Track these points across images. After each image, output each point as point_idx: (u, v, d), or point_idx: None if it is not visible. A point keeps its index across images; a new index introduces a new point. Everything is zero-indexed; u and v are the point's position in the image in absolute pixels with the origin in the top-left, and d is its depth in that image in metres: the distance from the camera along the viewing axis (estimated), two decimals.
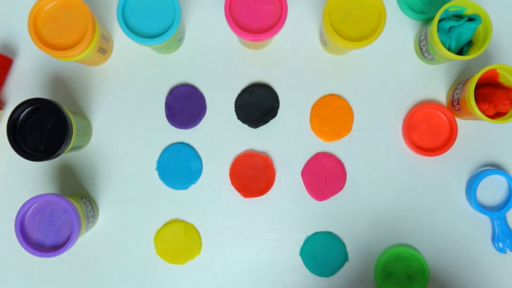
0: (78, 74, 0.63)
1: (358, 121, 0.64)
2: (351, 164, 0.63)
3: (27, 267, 0.62)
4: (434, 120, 0.63)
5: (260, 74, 0.64)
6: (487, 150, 0.64)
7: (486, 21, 0.57)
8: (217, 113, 0.63)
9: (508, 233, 0.63)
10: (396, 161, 0.64)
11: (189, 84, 0.63)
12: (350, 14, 0.56)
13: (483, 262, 0.63)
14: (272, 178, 0.63)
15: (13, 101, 0.63)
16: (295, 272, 0.63)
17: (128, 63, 0.64)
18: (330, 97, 0.63)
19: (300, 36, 0.64)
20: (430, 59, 0.62)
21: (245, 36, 0.54)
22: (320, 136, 0.63)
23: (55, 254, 0.54)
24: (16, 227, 0.54)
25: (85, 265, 0.62)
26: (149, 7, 0.55)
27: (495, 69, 0.58)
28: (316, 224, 0.63)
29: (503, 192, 0.64)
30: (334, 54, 0.64)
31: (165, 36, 0.54)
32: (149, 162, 0.63)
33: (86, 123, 0.61)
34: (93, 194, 0.63)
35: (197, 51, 0.64)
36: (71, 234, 0.54)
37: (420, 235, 0.63)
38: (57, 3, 0.54)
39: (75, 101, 0.63)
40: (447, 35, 0.58)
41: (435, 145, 0.63)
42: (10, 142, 0.52)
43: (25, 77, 0.63)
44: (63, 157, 0.62)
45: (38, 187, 0.62)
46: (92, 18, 0.54)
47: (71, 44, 0.54)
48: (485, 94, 0.58)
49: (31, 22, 0.54)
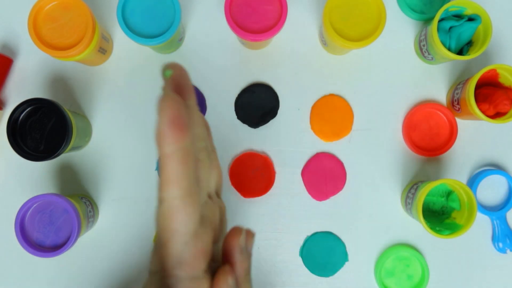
0: (78, 74, 0.63)
1: (358, 121, 0.64)
2: (351, 164, 0.63)
3: (27, 267, 0.62)
4: (434, 120, 0.63)
5: (260, 74, 0.64)
6: (487, 150, 0.64)
7: (486, 21, 0.57)
8: (217, 113, 0.63)
9: (508, 233, 0.63)
10: (396, 161, 0.64)
11: None
12: (350, 14, 0.56)
13: (483, 262, 0.63)
14: (272, 178, 0.63)
15: (13, 101, 0.63)
16: (295, 272, 0.63)
17: (128, 63, 0.64)
18: (330, 97, 0.63)
19: (300, 36, 0.64)
20: (430, 59, 0.62)
21: (245, 36, 0.54)
22: (320, 136, 0.63)
23: (55, 254, 0.54)
24: (16, 227, 0.54)
25: (85, 265, 0.62)
26: (149, 7, 0.55)
27: (495, 69, 0.58)
28: (316, 224, 0.63)
29: (503, 192, 0.64)
30: (334, 54, 0.64)
31: (165, 36, 0.54)
32: (149, 162, 0.63)
33: (86, 123, 0.61)
34: (93, 194, 0.63)
35: (197, 51, 0.64)
36: (71, 234, 0.54)
37: (420, 235, 0.63)
38: (57, 3, 0.54)
39: (75, 101, 0.63)
40: (447, 35, 0.58)
41: (435, 145, 0.63)
42: (10, 142, 0.52)
43: (25, 77, 0.63)
44: (63, 157, 0.62)
45: (38, 187, 0.62)
46: (92, 18, 0.54)
47: (71, 44, 0.54)
48: (485, 94, 0.58)
49: (31, 22, 0.54)
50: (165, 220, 0.27)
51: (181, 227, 0.27)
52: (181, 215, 0.26)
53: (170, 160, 0.25)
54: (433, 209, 0.61)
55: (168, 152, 0.25)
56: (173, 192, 0.26)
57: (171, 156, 0.25)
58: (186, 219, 0.27)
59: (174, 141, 0.25)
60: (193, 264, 0.28)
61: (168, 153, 0.25)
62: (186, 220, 0.27)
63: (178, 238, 0.27)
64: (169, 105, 0.25)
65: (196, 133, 0.31)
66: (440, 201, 0.60)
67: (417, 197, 0.57)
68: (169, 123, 0.25)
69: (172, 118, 0.25)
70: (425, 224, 0.56)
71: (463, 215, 0.58)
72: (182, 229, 0.27)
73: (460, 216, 0.58)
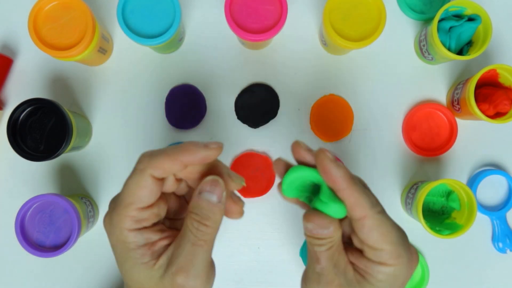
0: (78, 74, 0.63)
1: (358, 121, 0.64)
2: (351, 164, 0.63)
3: (27, 267, 0.62)
4: (434, 120, 0.63)
5: (260, 74, 0.64)
6: (487, 150, 0.64)
7: (486, 21, 0.57)
8: (217, 113, 0.63)
9: (508, 233, 0.63)
10: (396, 161, 0.64)
11: (189, 84, 0.63)
12: (350, 14, 0.56)
13: (483, 262, 0.63)
14: (272, 178, 0.63)
15: (13, 101, 0.63)
16: (295, 272, 0.63)
17: (128, 63, 0.63)
18: (330, 97, 0.63)
19: (300, 36, 0.64)
20: (430, 59, 0.62)
21: (245, 36, 0.54)
22: (320, 136, 0.63)
23: (55, 254, 0.54)
24: (16, 227, 0.54)
25: (85, 265, 0.62)
26: (149, 7, 0.55)
27: (495, 69, 0.58)
28: None
29: (503, 192, 0.64)
30: (334, 54, 0.64)
31: (165, 36, 0.54)
32: None
33: (86, 123, 0.61)
34: (93, 194, 0.63)
35: (197, 51, 0.64)
36: (71, 234, 0.54)
37: (420, 235, 0.62)
38: (57, 3, 0.54)
39: (75, 101, 0.63)
40: (447, 35, 0.58)
41: (435, 145, 0.63)
42: (10, 142, 0.52)
43: (25, 77, 0.63)
44: (63, 157, 0.62)
45: (38, 187, 0.62)
46: (92, 18, 0.54)
47: (71, 44, 0.54)
48: (485, 94, 0.58)
49: (31, 22, 0.54)
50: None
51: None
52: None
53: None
54: (433, 209, 0.61)
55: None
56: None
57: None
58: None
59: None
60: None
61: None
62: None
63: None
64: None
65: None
66: (440, 201, 0.60)
67: (417, 197, 0.57)
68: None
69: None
70: (425, 224, 0.56)
71: (463, 215, 0.58)
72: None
73: (460, 216, 0.58)
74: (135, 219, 0.35)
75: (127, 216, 0.35)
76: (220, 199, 0.36)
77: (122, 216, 0.35)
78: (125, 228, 0.35)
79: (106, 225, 0.36)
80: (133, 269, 0.35)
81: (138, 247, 0.35)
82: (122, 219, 0.35)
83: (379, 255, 0.34)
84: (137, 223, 0.35)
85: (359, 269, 0.36)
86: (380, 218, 0.34)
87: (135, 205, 0.35)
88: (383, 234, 0.34)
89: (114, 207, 0.36)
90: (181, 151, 0.35)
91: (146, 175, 0.35)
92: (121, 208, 0.35)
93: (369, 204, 0.34)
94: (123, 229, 0.35)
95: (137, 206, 0.35)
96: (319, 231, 0.35)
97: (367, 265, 0.35)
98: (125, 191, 0.35)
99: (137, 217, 0.35)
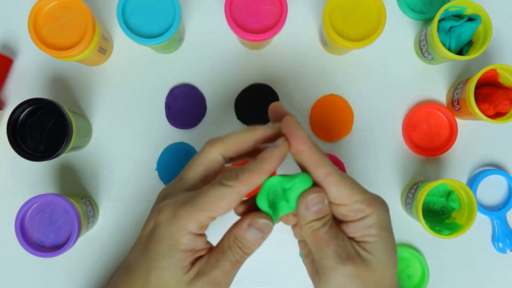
0: (78, 74, 0.63)
1: (358, 121, 0.64)
2: (351, 164, 0.63)
3: (27, 267, 0.62)
4: (434, 120, 0.63)
5: (260, 74, 0.64)
6: (487, 150, 0.64)
7: (486, 21, 0.57)
8: (217, 113, 0.63)
9: (508, 233, 0.63)
10: (396, 161, 0.64)
11: (189, 84, 0.63)
12: (350, 14, 0.56)
13: (483, 262, 0.63)
14: None
15: (13, 101, 0.63)
16: (295, 272, 0.63)
17: (128, 63, 0.64)
18: (330, 97, 0.63)
19: (300, 36, 0.64)
20: (430, 59, 0.62)
21: (245, 36, 0.54)
22: (320, 136, 0.63)
23: (55, 254, 0.54)
24: (16, 227, 0.54)
25: (85, 265, 0.62)
26: (149, 7, 0.55)
27: (495, 69, 0.58)
28: None
29: (503, 192, 0.64)
30: (334, 54, 0.64)
31: (165, 36, 0.54)
32: (149, 162, 0.63)
33: (86, 123, 0.61)
34: (93, 194, 0.63)
35: (197, 51, 0.64)
36: (71, 234, 0.54)
37: (420, 235, 0.63)
38: (57, 3, 0.54)
39: (75, 101, 0.63)
40: (447, 35, 0.58)
41: (435, 145, 0.63)
42: (10, 142, 0.52)
43: (25, 77, 0.63)
44: (63, 157, 0.62)
45: (38, 187, 0.62)
46: (92, 18, 0.54)
47: (71, 44, 0.54)
48: (485, 94, 0.58)
49: (31, 22, 0.54)
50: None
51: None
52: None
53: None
54: (433, 209, 0.61)
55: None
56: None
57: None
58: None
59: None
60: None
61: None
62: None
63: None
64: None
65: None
66: (440, 201, 0.60)
67: (417, 197, 0.57)
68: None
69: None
70: (425, 224, 0.56)
71: (463, 215, 0.58)
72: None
73: (460, 216, 0.58)
74: (201, 225, 0.35)
75: (197, 220, 0.35)
76: (264, 237, 0.37)
77: (192, 218, 0.35)
78: (187, 229, 0.35)
79: (165, 214, 0.36)
80: (169, 268, 0.35)
81: (186, 251, 0.35)
82: (190, 220, 0.35)
83: (356, 208, 0.36)
84: (200, 229, 0.36)
85: (355, 238, 0.37)
86: (341, 174, 0.37)
87: (209, 213, 0.35)
88: (350, 186, 0.36)
89: (185, 203, 0.35)
90: (265, 162, 0.36)
91: (234, 193, 0.35)
92: (194, 210, 0.35)
93: (330, 162, 0.36)
94: (184, 229, 0.35)
95: (211, 215, 0.35)
96: (317, 206, 0.36)
97: (355, 229, 0.37)
98: (205, 198, 0.35)
99: (203, 224, 0.35)
